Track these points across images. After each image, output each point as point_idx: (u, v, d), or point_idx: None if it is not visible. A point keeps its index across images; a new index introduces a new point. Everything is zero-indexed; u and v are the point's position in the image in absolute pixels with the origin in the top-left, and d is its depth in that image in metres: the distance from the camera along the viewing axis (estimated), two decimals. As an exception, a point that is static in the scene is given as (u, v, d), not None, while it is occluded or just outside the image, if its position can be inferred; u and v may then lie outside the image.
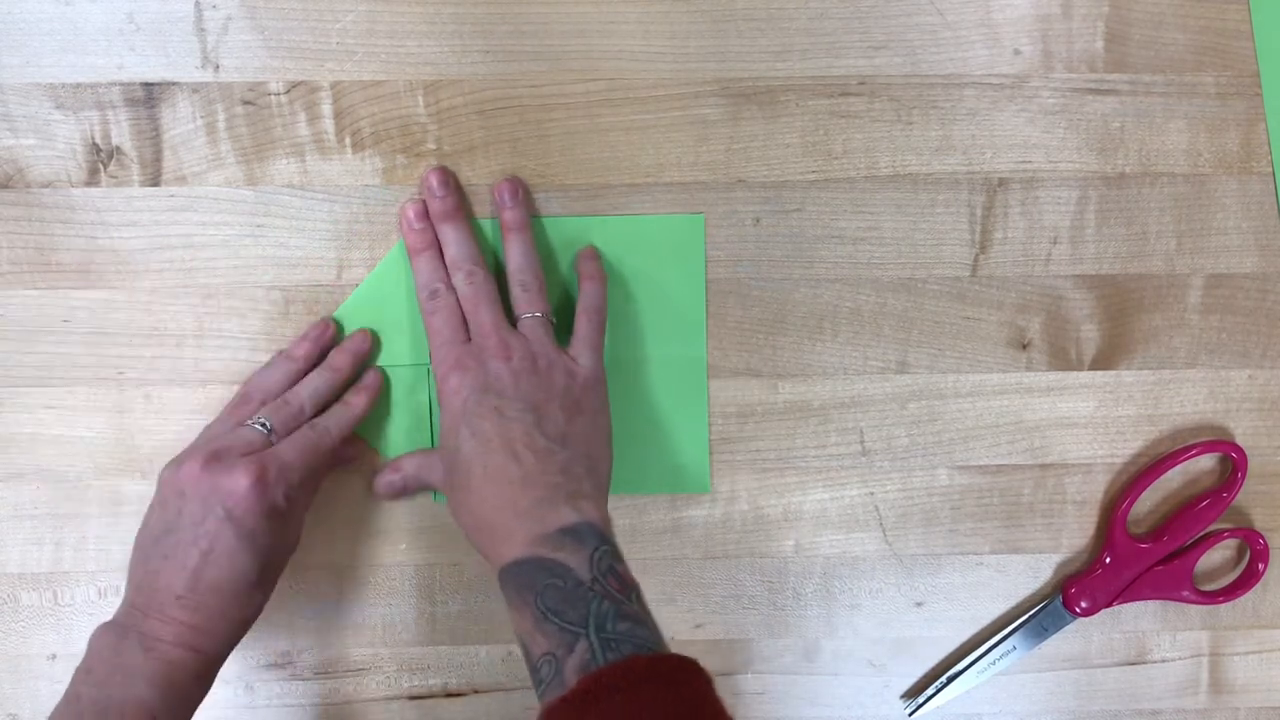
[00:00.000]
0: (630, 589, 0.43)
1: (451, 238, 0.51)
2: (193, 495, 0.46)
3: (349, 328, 0.53)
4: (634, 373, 0.54)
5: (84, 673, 0.45)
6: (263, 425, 0.48)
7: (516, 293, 0.51)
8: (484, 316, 0.49)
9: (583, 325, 0.51)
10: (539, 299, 0.51)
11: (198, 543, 0.45)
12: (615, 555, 0.44)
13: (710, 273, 0.55)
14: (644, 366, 0.54)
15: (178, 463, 0.47)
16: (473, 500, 0.46)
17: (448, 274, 0.51)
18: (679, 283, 0.53)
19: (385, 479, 0.52)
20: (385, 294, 0.53)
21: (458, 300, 0.50)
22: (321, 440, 0.49)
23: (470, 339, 0.50)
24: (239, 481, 0.45)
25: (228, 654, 0.47)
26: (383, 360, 0.53)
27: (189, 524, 0.46)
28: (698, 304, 0.53)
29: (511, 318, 0.51)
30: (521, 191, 0.52)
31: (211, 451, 0.47)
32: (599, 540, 0.44)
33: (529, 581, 0.43)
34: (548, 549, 0.43)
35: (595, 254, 0.53)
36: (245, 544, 0.45)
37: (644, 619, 0.43)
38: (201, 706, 0.54)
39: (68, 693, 0.44)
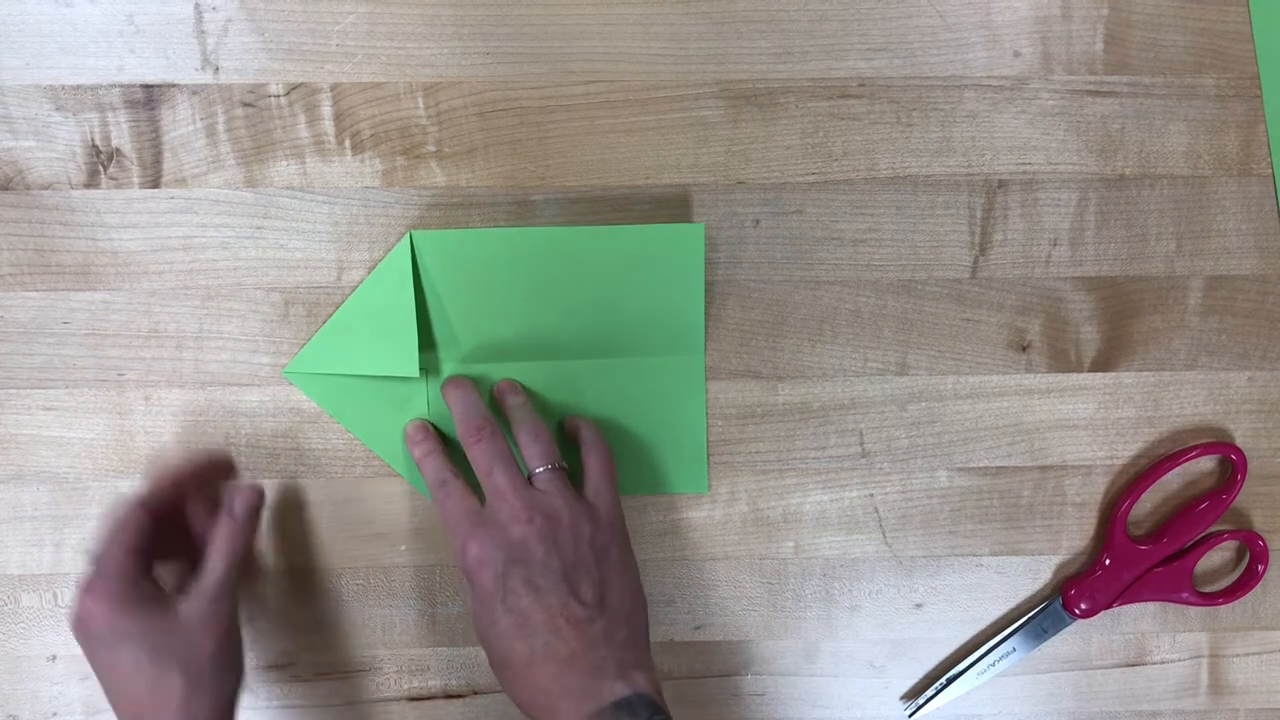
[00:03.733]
0: None
1: (456, 400, 0.51)
2: (79, 636, 0.46)
3: (346, 334, 0.53)
4: (632, 376, 0.54)
5: None
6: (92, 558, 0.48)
7: (526, 445, 0.50)
8: (499, 479, 0.48)
9: (593, 465, 0.51)
10: (550, 449, 0.50)
11: (111, 674, 0.45)
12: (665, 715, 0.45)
13: (710, 274, 0.55)
14: (643, 370, 0.54)
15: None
16: (521, 680, 0.46)
17: (453, 465, 0.51)
18: (678, 290, 0.53)
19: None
20: (381, 301, 0.52)
21: (465, 483, 0.50)
22: (119, 516, 0.47)
23: (485, 503, 0.49)
24: (80, 607, 0.45)
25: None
26: (378, 369, 0.52)
27: (99, 660, 0.46)
28: (697, 310, 0.53)
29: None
30: (518, 387, 0.53)
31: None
32: (651, 711, 0.44)
33: None
34: None
35: (581, 419, 0.53)
36: (129, 653, 0.45)
37: None
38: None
39: None
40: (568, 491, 0.49)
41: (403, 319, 0.52)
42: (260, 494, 0.50)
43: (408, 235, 0.51)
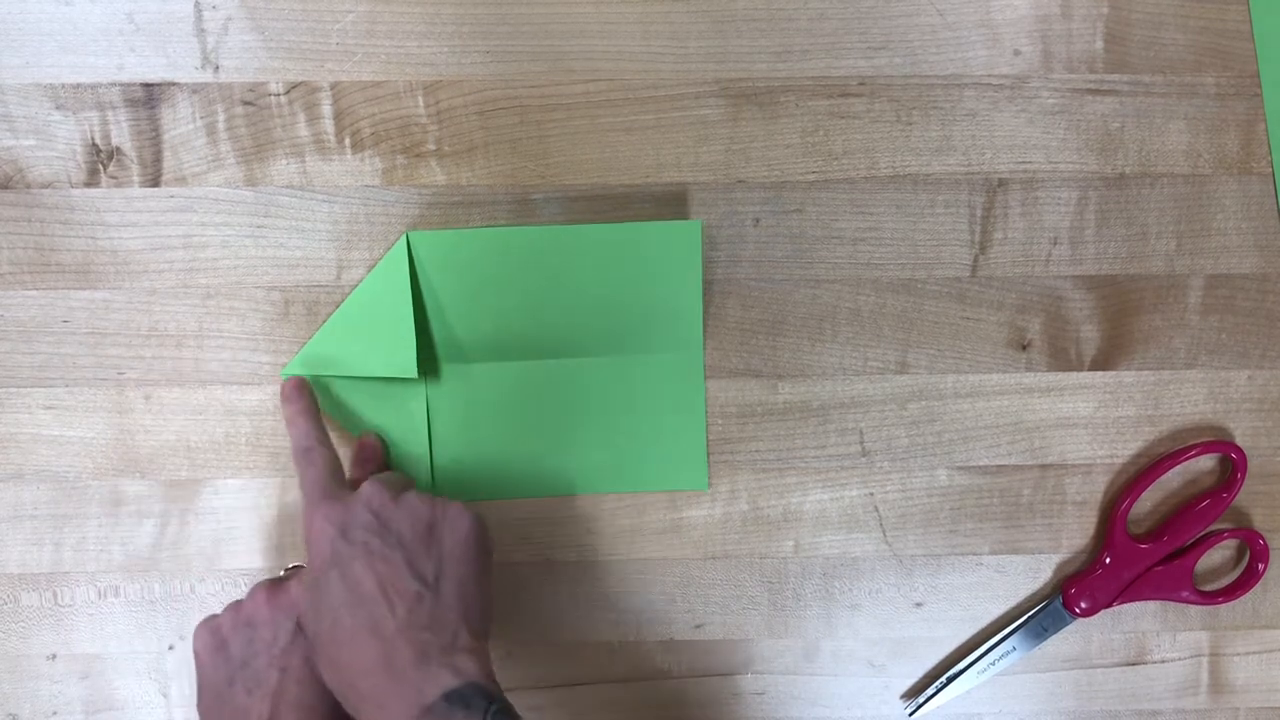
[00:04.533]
0: None
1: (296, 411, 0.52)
2: (263, 623, 0.47)
3: (344, 336, 0.53)
4: (631, 374, 0.54)
5: None
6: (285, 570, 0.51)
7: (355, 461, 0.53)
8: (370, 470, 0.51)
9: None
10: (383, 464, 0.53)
11: (273, 663, 0.46)
12: (507, 711, 0.42)
13: (710, 273, 0.55)
14: (641, 368, 0.54)
15: (228, 609, 0.48)
16: (343, 664, 0.44)
17: (321, 432, 0.51)
18: (676, 287, 0.53)
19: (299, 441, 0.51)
20: (379, 302, 0.52)
21: (329, 454, 0.50)
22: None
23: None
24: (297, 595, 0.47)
25: None
26: (376, 371, 0.52)
27: (263, 649, 0.46)
28: (695, 307, 0.53)
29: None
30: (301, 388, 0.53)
31: (270, 584, 0.48)
32: (487, 700, 0.41)
33: None
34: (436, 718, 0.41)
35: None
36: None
37: None
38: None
39: None
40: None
41: (401, 320, 0.52)
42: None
43: (404, 236, 0.51)
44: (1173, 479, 0.56)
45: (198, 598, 0.54)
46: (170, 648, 0.54)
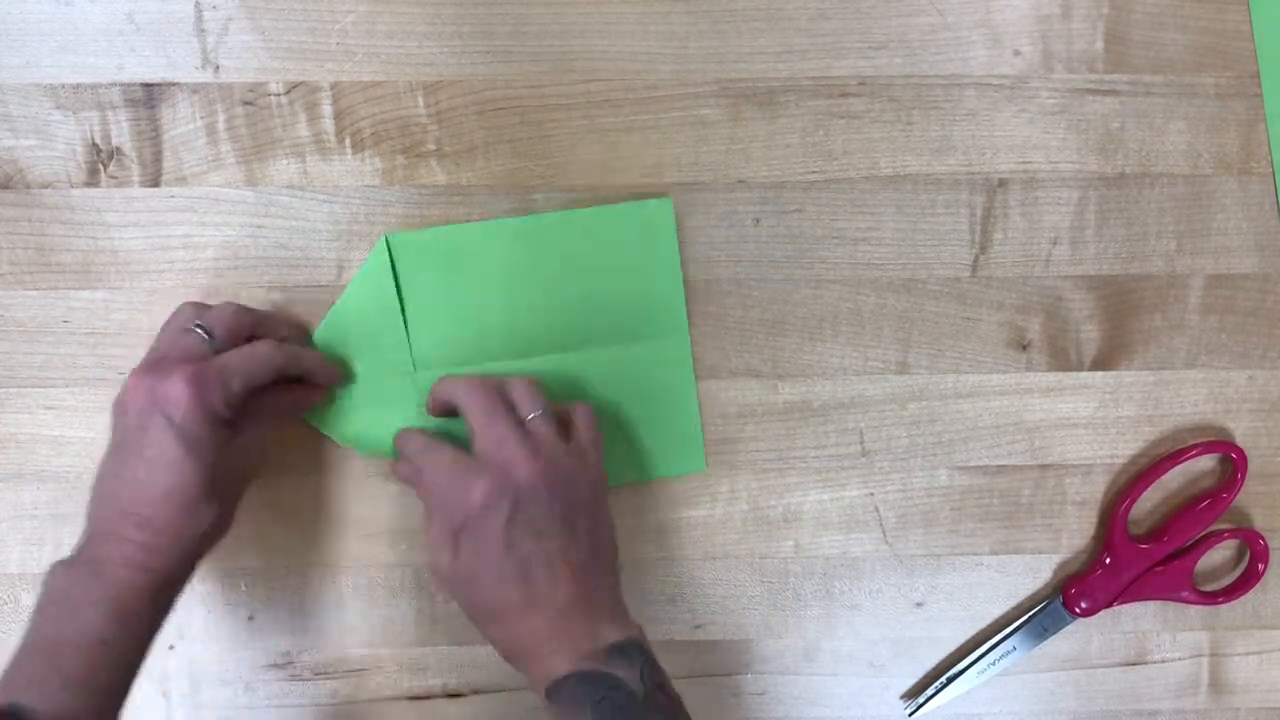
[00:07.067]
0: (676, 704, 0.44)
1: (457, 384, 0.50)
2: (134, 407, 0.45)
3: (333, 339, 0.52)
4: (620, 364, 0.54)
5: (38, 611, 0.43)
6: (200, 329, 0.47)
7: (519, 392, 0.49)
8: (499, 425, 0.47)
9: (579, 416, 0.50)
10: (542, 397, 0.49)
11: (142, 452, 0.44)
12: (659, 670, 0.45)
13: (710, 273, 0.55)
14: (629, 356, 0.54)
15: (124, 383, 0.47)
16: (511, 627, 0.46)
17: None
18: (656, 268, 0.53)
19: (403, 470, 0.51)
20: (366, 307, 0.52)
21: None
22: (265, 354, 0.47)
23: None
24: (175, 386, 0.44)
25: (184, 575, 0.46)
26: (368, 370, 0.52)
27: (133, 436, 0.45)
28: (676, 288, 0.53)
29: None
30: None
31: (150, 361, 0.46)
32: (644, 657, 0.45)
33: (584, 694, 0.43)
34: (598, 663, 0.44)
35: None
36: (187, 450, 0.44)
37: None
38: (203, 707, 0.54)
39: (24, 634, 0.43)
40: (561, 439, 0.49)
41: (390, 321, 0.52)
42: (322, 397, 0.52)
43: (383, 238, 0.51)
44: (1173, 479, 0.56)
45: (198, 598, 0.54)
46: (170, 647, 0.54)
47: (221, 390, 0.45)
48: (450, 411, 0.50)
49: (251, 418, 0.47)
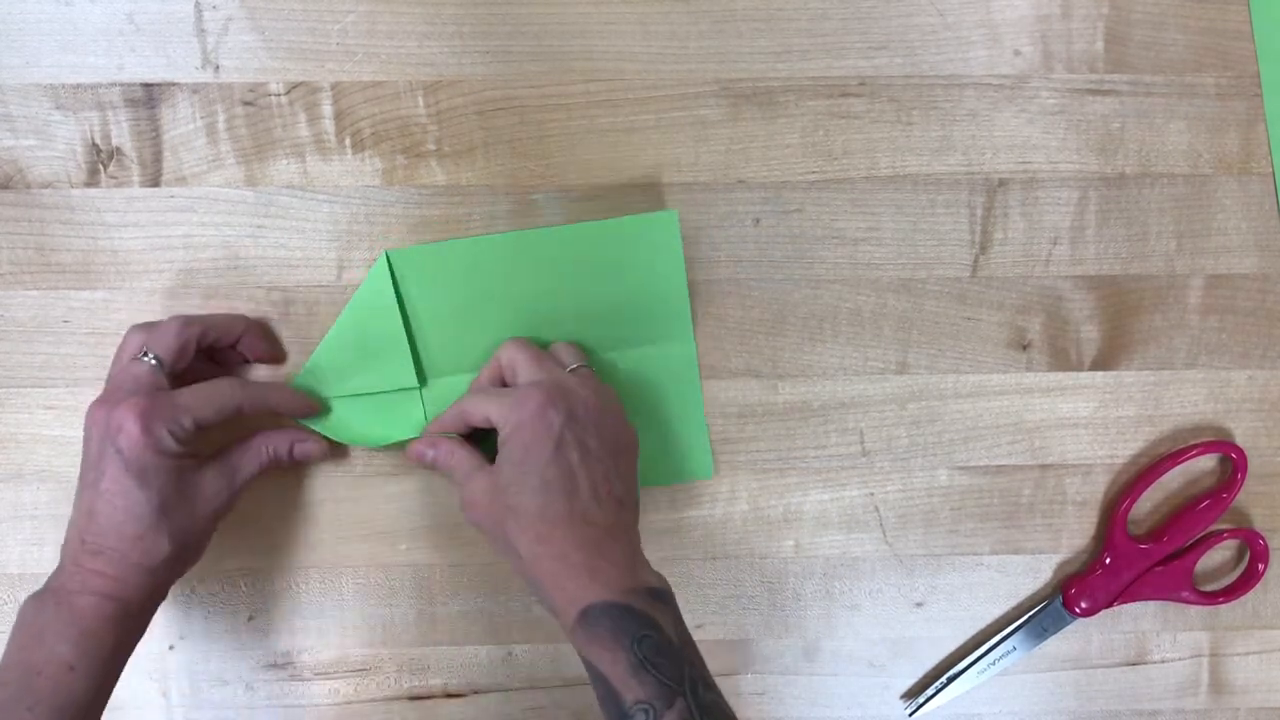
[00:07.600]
0: (705, 667, 0.45)
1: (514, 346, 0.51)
2: (92, 438, 0.46)
3: (335, 355, 0.52)
4: (626, 371, 0.54)
5: (10, 641, 0.44)
6: (148, 356, 0.47)
7: (561, 351, 0.51)
8: (551, 368, 0.49)
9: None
10: (583, 354, 0.51)
11: (97, 484, 0.45)
12: (686, 629, 0.46)
13: (710, 273, 0.55)
14: (635, 364, 0.54)
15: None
16: (553, 541, 0.45)
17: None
18: (661, 279, 0.52)
19: (418, 448, 0.51)
20: (368, 323, 0.52)
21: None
22: (223, 392, 0.47)
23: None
24: (123, 417, 0.45)
25: (149, 602, 0.46)
26: (372, 385, 0.52)
27: (91, 466, 0.45)
28: (681, 298, 0.53)
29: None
30: None
31: (105, 392, 0.47)
32: (677, 609, 0.45)
33: (626, 626, 0.43)
34: (641, 602, 0.44)
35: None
36: (137, 482, 0.44)
37: (721, 692, 0.44)
38: (203, 707, 0.54)
39: None
40: (604, 389, 0.49)
41: (393, 337, 0.51)
42: (323, 452, 0.52)
43: (383, 255, 0.51)
44: (1173, 479, 0.56)
45: (198, 598, 0.54)
46: (170, 648, 0.54)
47: (169, 423, 0.45)
48: (469, 431, 0.50)
49: (204, 449, 0.48)
